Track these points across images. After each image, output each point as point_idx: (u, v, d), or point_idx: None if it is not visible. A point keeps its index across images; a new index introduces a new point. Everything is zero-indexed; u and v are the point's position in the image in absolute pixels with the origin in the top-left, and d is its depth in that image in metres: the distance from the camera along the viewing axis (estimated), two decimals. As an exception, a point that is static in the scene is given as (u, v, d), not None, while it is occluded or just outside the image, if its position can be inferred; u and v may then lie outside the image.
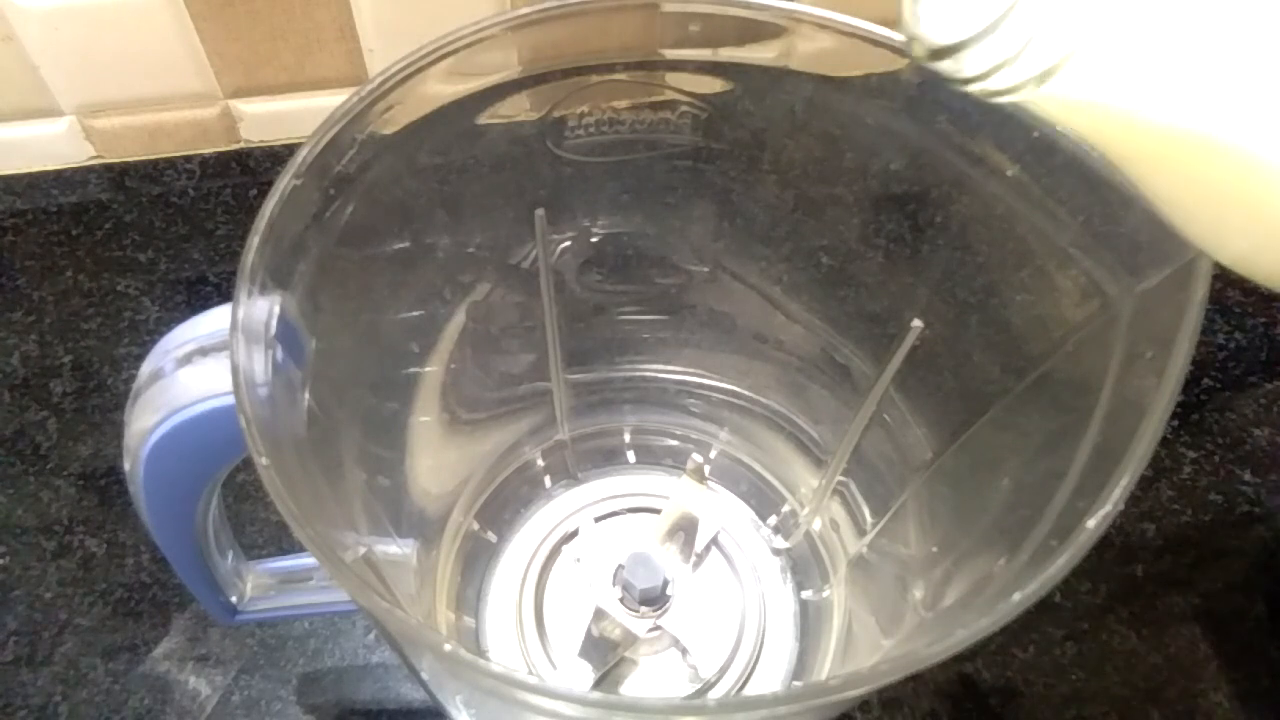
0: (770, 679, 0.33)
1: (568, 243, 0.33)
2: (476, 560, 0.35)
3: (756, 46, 0.27)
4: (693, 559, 0.34)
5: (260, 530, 0.39)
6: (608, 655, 0.32)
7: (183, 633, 0.36)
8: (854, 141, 0.27)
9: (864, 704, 0.34)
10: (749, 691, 0.32)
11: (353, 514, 0.26)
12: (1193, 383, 0.43)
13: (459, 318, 0.33)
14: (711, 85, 0.28)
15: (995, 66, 0.16)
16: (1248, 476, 0.40)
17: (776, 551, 0.36)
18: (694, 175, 0.30)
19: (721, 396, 0.38)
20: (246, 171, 0.51)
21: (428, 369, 0.32)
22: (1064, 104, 0.16)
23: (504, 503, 0.37)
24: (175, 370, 0.23)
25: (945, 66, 0.16)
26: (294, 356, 0.23)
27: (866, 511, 0.33)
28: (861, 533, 0.33)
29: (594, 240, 0.33)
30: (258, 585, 0.32)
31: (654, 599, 0.32)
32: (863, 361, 0.32)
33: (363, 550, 0.25)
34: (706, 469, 0.37)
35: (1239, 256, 0.17)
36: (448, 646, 0.17)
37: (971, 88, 0.16)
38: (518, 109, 0.28)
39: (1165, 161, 0.16)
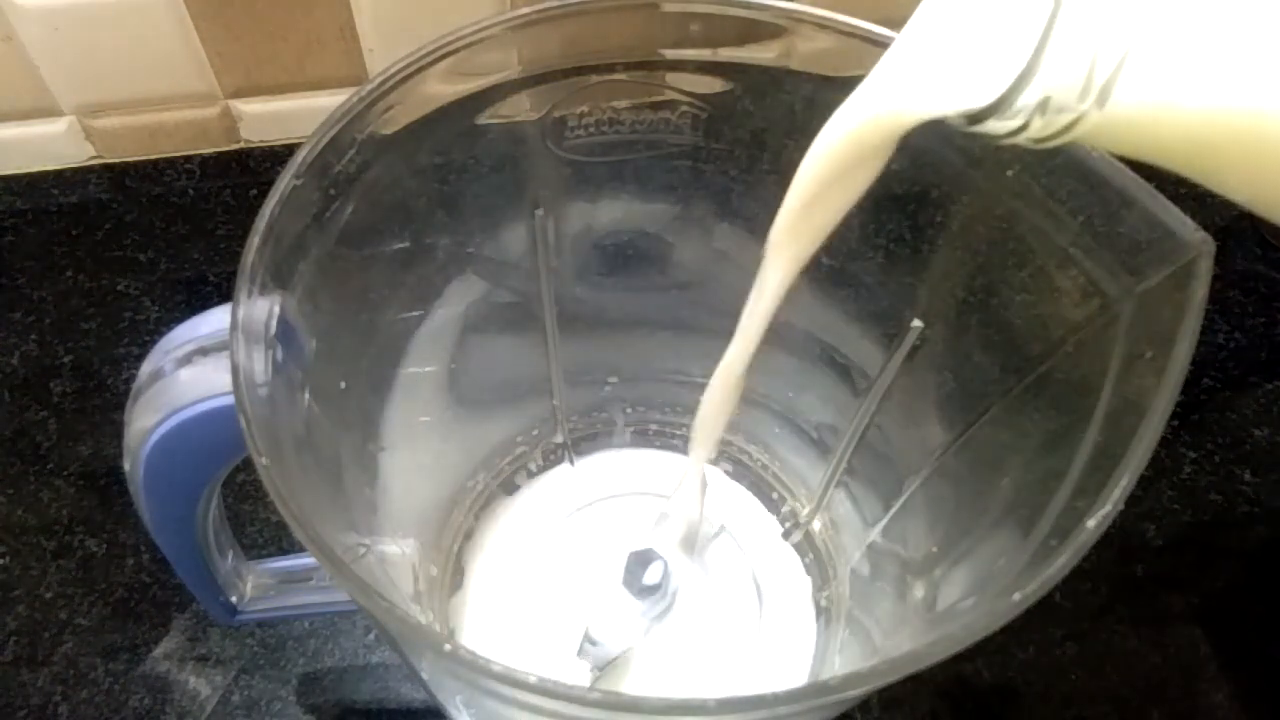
0: (770, 678, 0.33)
1: (568, 243, 0.33)
2: (476, 559, 0.35)
3: (756, 46, 0.27)
4: (693, 559, 0.34)
5: (260, 530, 0.39)
6: (608, 654, 0.32)
7: (183, 633, 0.36)
8: (854, 141, 0.27)
9: (864, 704, 0.34)
10: (750, 691, 0.32)
11: (353, 514, 0.26)
12: (1193, 383, 0.43)
13: (459, 318, 0.33)
14: (711, 85, 0.28)
15: (1027, 121, 0.16)
16: (1248, 476, 0.40)
17: (777, 552, 0.36)
18: (694, 175, 0.30)
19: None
20: (246, 171, 0.51)
21: (427, 369, 0.32)
22: (1116, 128, 0.16)
23: (504, 502, 0.37)
24: (175, 370, 0.23)
25: (990, 126, 0.16)
26: (294, 356, 0.23)
27: (866, 512, 0.33)
28: (862, 533, 0.33)
29: (594, 240, 0.33)
30: (258, 585, 0.32)
31: (654, 598, 0.32)
32: (863, 362, 0.32)
33: (363, 550, 0.25)
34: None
35: None
36: (448, 646, 0.17)
37: (1019, 138, 0.16)
38: (518, 109, 0.28)
39: (1231, 148, 0.16)
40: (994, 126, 0.16)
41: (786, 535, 0.36)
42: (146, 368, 0.24)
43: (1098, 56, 0.15)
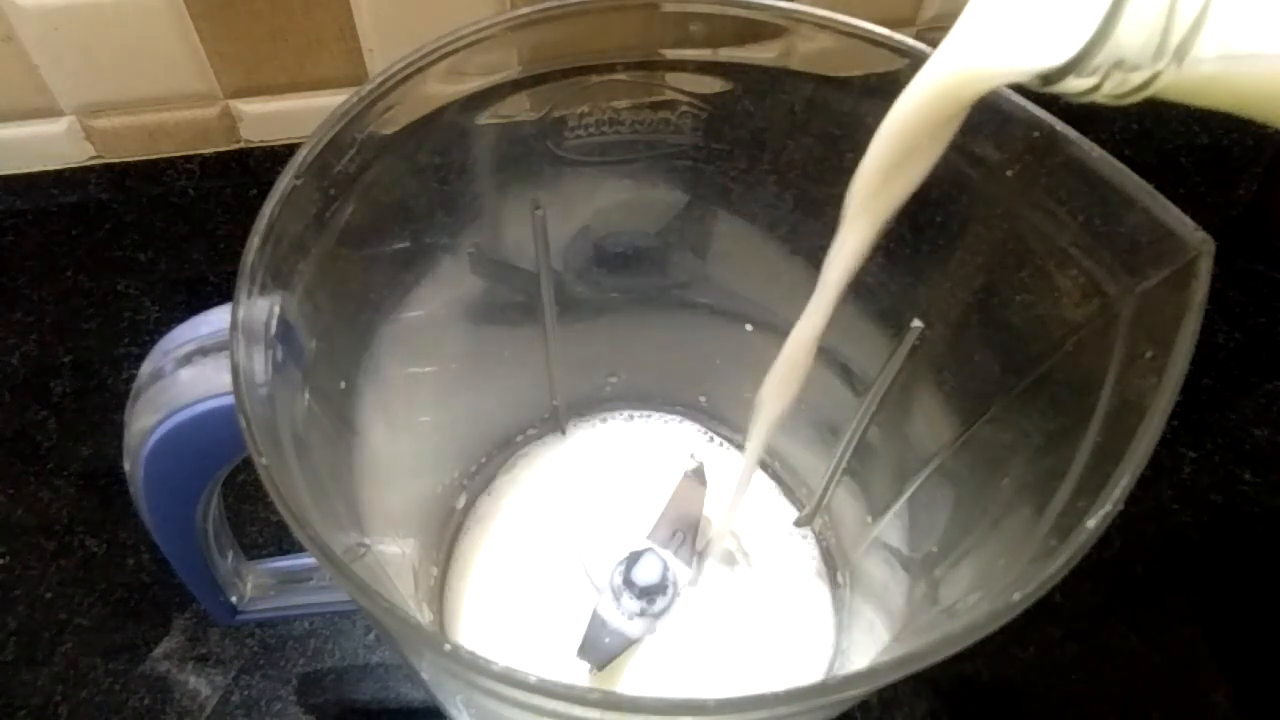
0: (771, 678, 0.32)
1: (567, 242, 0.32)
2: (477, 558, 0.35)
3: (756, 46, 0.27)
4: (693, 558, 0.34)
5: (260, 530, 0.39)
6: (608, 654, 0.32)
7: (183, 633, 0.36)
8: (854, 141, 0.27)
9: (864, 704, 0.34)
10: (751, 690, 0.32)
11: (353, 514, 0.26)
12: (1193, 383, 0.43)
13: (459, 318, 0.33)
14: (711, 85, 0.28)
15: (1102, 80, 0.16)
16: (1248, 476, 0.40)
17: (786, 547, 0.36)
18: (694, 175, 0.30)
19: (723, 397, 0.38)
20: (246, 171, 0.51)
21: (427, 369, 0.32)
22: (1196, 82, 0.16)
23: (505, 501, 0.37)
24: (175, 370, 0.23)
25: (1065, 86, 0.16)
26: (294, 356, 0.23)
27: (866, 511, 0.33)
28: (862, 532, 0.33)
29: (594, 240, 0.33)
30: (258, 585, 0.32)
31: (655, 598, 0.32)
32: (863, 362, 0.32)
33: (363, 550, 0.25)
34: (706, 468, 0.37)
35: None
36: (448, 646, 0.17)
37: (1095, 96, 0.16)
38: (518, 109, 0.28)
39: None
40: (1070, 85, 0.16)
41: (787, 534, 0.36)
42: (146, 368, 0.24)
43: (1175, 15, 0.15)
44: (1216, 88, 0.16)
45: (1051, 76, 0.16)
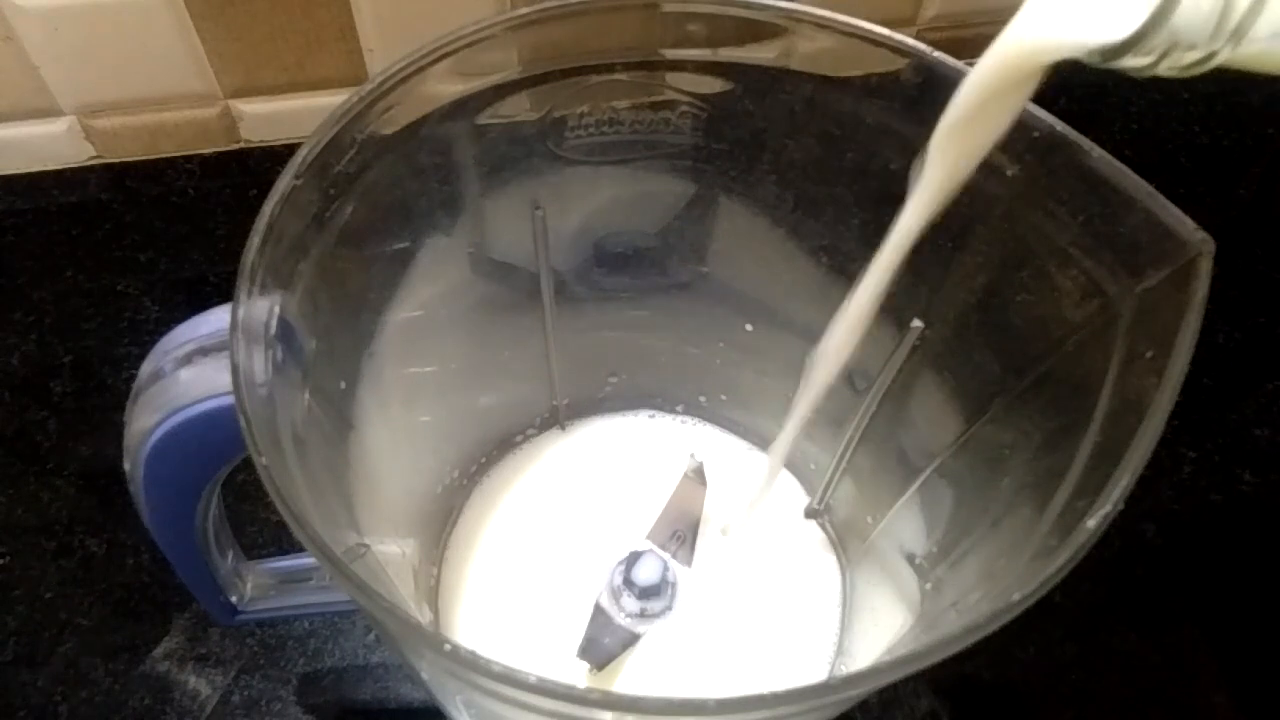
0: (773, 677, 0.32)
1: (568, 242, 0.33)
2: (477, 558, 0.35)
3: (756, 46, 0.27)
4: (693, 557, 0.34)
5: (260, 530, 0.39)
6: (608, 654, 0.32)
7: (183, 633, 0.36)
8: (854, 141, 0.27)
9: (864, 704, 0.34)
10: (751, 690, 0.32)
11: (353, 514, 0.26)
12: (1193, 383, 0.43)
13: (459, 318, 0.33)
14: (711, 85, 0.28)
15: (1160, 59, 0.16)
16: (1248, 476, 0.40)
17: (779, 550, 0.36)
18: (694, 175, 0.30)
19: (723, 397, 0.38)
20: (246, 171, 0.51)
21: (427, 369, 0.32)
22: (1256, 57, 0.16)
23: (505, 501, 0.37)
24: (175, 370, 0.23)
25: (1124, 63, 0.17)
26: (294, 356, 0.23)
27: (866, 512, 0.33)
28: (862, 533, 0.33)
29: (594, 240, 0.33)
30: (258, 585, 0.32)
31: (654, 598, 0.32)
32: (863, 361, 0.32)
33: (363, 550, 0.25)
34: (705, 468, 0.37)
35: None
36: (448, 646, 0.17)
37: (1156, 71, 0.17)
38: (518, 109, 0.28)
39: None
40: (1128, 63, 0.17)
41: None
42: (146, 368, 0.24)
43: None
44: (1273, 60, 0.16)
45: (1109, 53, 0.17)
